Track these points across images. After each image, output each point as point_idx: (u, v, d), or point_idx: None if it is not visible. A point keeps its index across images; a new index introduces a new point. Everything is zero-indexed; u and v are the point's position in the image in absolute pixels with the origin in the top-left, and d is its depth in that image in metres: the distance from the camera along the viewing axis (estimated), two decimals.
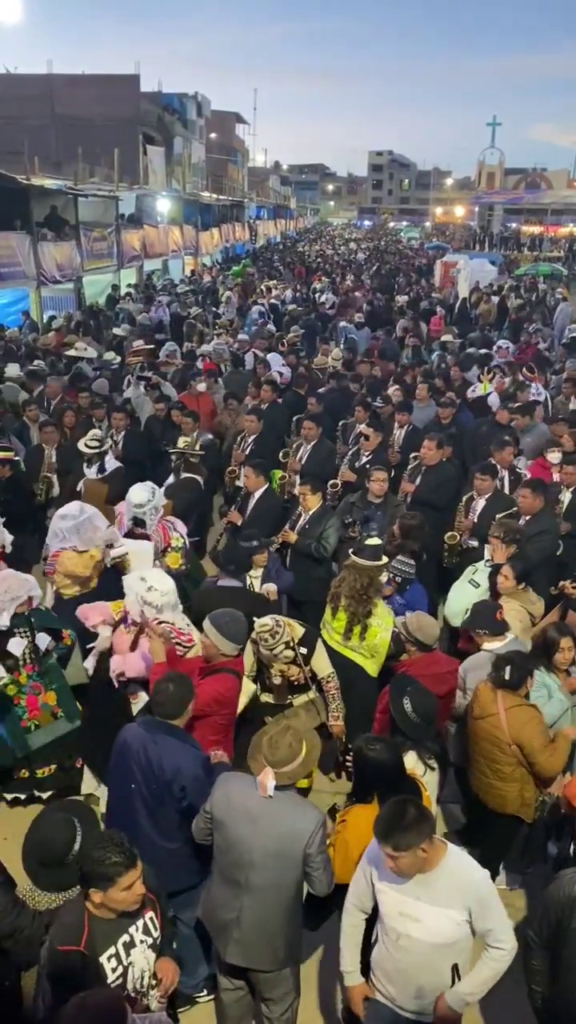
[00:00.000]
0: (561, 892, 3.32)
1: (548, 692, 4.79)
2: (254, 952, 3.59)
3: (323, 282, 26.43)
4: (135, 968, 3.08)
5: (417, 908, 3.20)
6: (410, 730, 4.13)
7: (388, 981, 3.36)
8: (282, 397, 10.63)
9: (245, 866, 3.52)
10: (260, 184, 70.23)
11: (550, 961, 3.38)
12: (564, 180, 59.73)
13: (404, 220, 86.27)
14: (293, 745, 3.53)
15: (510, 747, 4.44)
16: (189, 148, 43.78)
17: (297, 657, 5.00)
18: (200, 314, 18.50)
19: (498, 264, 31.49)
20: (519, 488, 6.91)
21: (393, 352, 14.96)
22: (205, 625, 4.57)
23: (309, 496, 6.74)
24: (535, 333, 16.95)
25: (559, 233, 48.03)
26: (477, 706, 4.61)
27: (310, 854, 3.48)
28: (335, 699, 5.15)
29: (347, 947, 3.54)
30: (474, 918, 3.19)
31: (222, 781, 3.65)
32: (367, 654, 5.49)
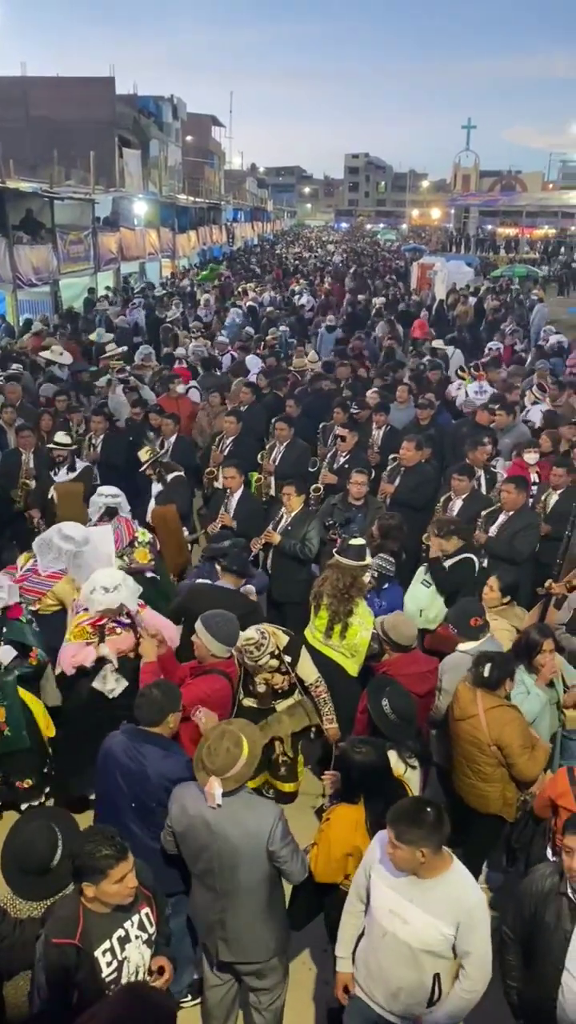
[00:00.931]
0: (535, 886, 3.36)
1: (526, 688, 4.81)
2: (243, 948, 3.62)
3: (301, 284, 26.47)
4: (130, 963, 3.08)
5: (408, 910, 3.21)
6: (389, 730, 4.14)
7: (369, 977, 3.38)
8: (261, 399, 10.64)
9: (215, 872, 3.52)
10: (237, 187, 70.22)
11: (525, 956, 3.41)
12: (539, 182, 60.21)
13: (381, 222, 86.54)
14: (231, 749, 3.47)
15: (491, 748, 4.45)
16: (165, 151, 43.71)
17: (282, 665, 5.00)
18: (177, 318, 18.46)
19: (474, 266, 31.68)
20: (503, 483, 6.95)
21: (374, 354, 15.02)
22: (197, 626, 4.56)
23: (293, 497, 6.74)
24: (512, 334, 17.07)
25: (534, 235, 48.37)
26: (457, 708, 4.62)
27: (273, 851, 3.48)
28: (326, 703, 5.14)
29: (344, 932, 3.56)
30: (459, 936, 3.18)
31: (177, 794, 3.62)
32: (347, 653, 5.50)
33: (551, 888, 3.30)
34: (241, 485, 7.29)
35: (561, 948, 3.22)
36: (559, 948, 3.22)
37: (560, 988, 3.22)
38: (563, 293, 32.55)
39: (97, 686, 4.95)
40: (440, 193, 73.03)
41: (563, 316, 22.05)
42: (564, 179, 68.91)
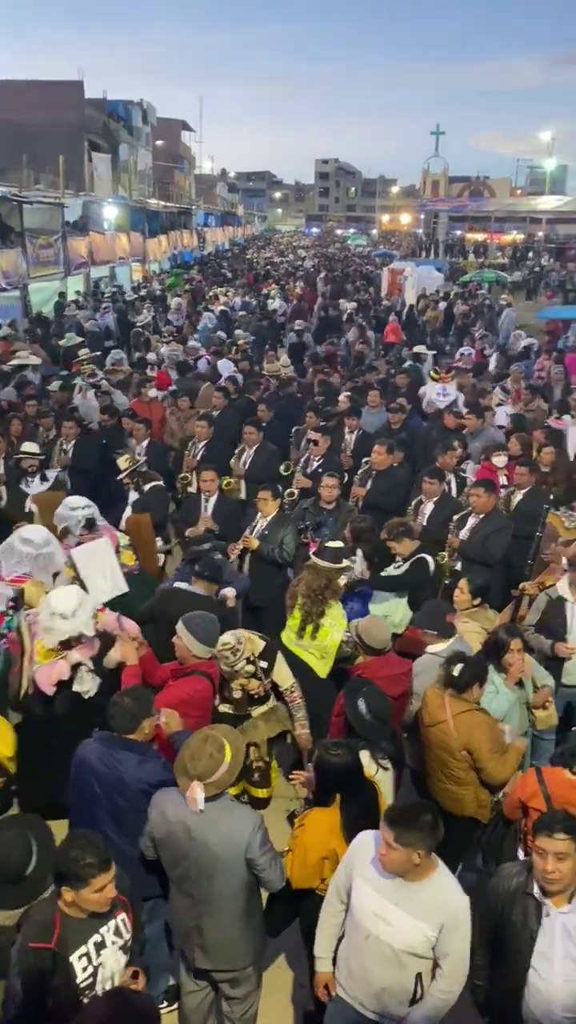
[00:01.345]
0: (501, 886, 3.39)
1: (495, 688, 4.84)
2: (219, 954, 3.62)
3: (273, 289, 26.52)
4: (105, 969, 3.07)
5: (392, 913, 3.23)
6: (365, 731, 4.15)
7: (351, 977, 3.39)
8: (234, 403, 10.65)
9: (192, 879, 3.52)
10: (207, 191, 70.21)
11: (492, 955, 3.44)
12: (507, 188, 60.85)
13: (351, 227, 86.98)
14: (214, 755, 3.47)
15: (461, 753, 4.46)
16: (135, 155, 43.61)
17: (258, 671, 5.00)
18: (148, 322, 18.41)
19: (444, 271, 31.94)
20: (472, 488, 7.01)
21: (346, 359, 15.12)
22: (178, 627, 4.56)
23: (269, 501, 6.75)
24: (482, 339, 17.24)
25: (503, 240, 48.87)
26: (426, 714, 4.63)
27: (252, 858, 3.48)
28: (299, 708, 5.14)
29: (323, 933, 3.56)
30: (440, 937, 3.21)
31: (157, 800, 3.62)
32: (317, 654, 5.52)
33: (517, 887, 3.33)
34: (217, 488, 7.33)
35: (527, 947, 3.25)
36: (525, 947, 3.26)
37: (526, 987, 3.26)
38: (531, 298, 32.91)
39: (76, 688, 4.93)
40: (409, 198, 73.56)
41: (531, 321, 22.26)
42: (532, 185, 69.81)
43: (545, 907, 3.24)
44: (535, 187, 67.36)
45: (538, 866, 3.21)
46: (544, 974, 3.23)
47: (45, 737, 5.00)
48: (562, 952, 3.21)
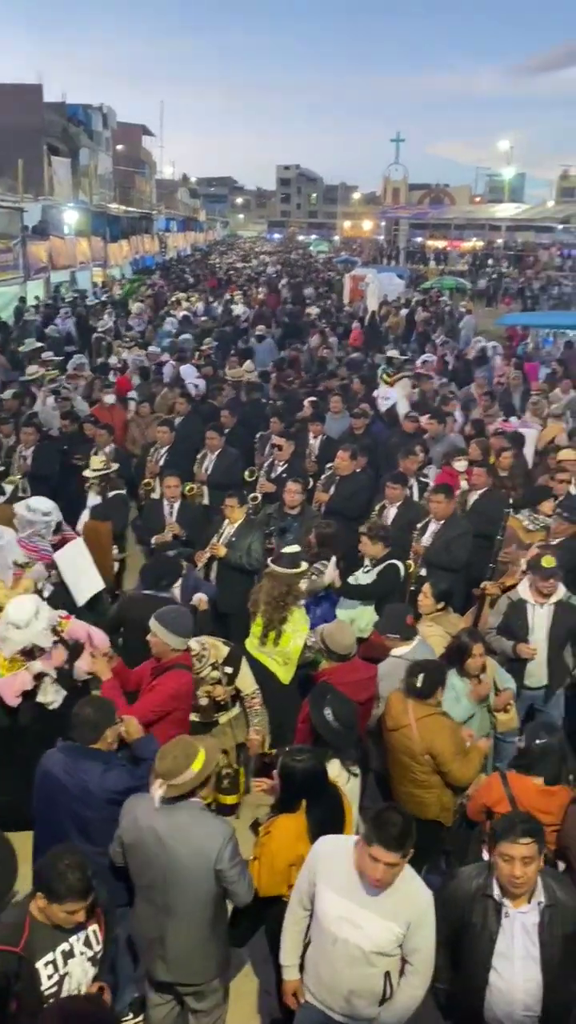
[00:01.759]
0: (461, 888, 3.42)
1: (456, 695, 4.88)
2: (182, 967, 3.58)
3: (236, 295, 26.50)
4: (71, 979, 3.05)
5: (360, 915, 3.23)
6: (332, 738, 4.16)
7: (319, 983, 3.38)
8: (197, 409, 10.62)
9: (159, 887, 3.50)
10: (169, 196, 69.99)
11: (452, 957, 3.46)
12: (467, 196, 61.66)
13: (313, 234, 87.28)
14: (179, 758, 3.48)
15: (424, 757, 4.49)
16: (95, 159, 43.34)
17: (222, 677, 5.00)
18: (109, 327, 18.28)
19: (405, 278, 32.19)
20: (431, 494, 7.07)
21: (309, 364, 15.15)
22: (152, 625, 4.56)
23: (235, 508, 6.74)
24: (443, 345, 17.40)
25: (463, 248, 49.44)
26: (389, 718, 4.65)
27: (221, 870, 3.46)
28: (257, 714, 5.16)
29: (287, 941, 3.54)
30: (408, 934, 3.23)
31: (129, 806, 3.61)
32: (280, 660, 5.54)
33: (477, 889, 3.35)
34: (180, 494, 7.34)
35: (487, 948, 3.28)
36: (486, 948, 3.29)
37: (487, 987, 3.29)
38: (491, 305, 33.31)
39: (40, 699, 4.87)
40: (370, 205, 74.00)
41: (491, 327, 22.55)
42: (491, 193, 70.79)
43: (505, 908, 3.27)
44: (494, 195, 68.32)
45: (504, 872, 3.21)
46: (505, 974, 3.26)
47: (9, 748, 4.94)
48: (522, 952, 3.25)
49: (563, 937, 3.24)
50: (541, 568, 5.56)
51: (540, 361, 16.04)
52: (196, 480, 8.40)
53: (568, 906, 3.28)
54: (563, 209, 49.24)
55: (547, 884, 3.29)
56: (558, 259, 44.60)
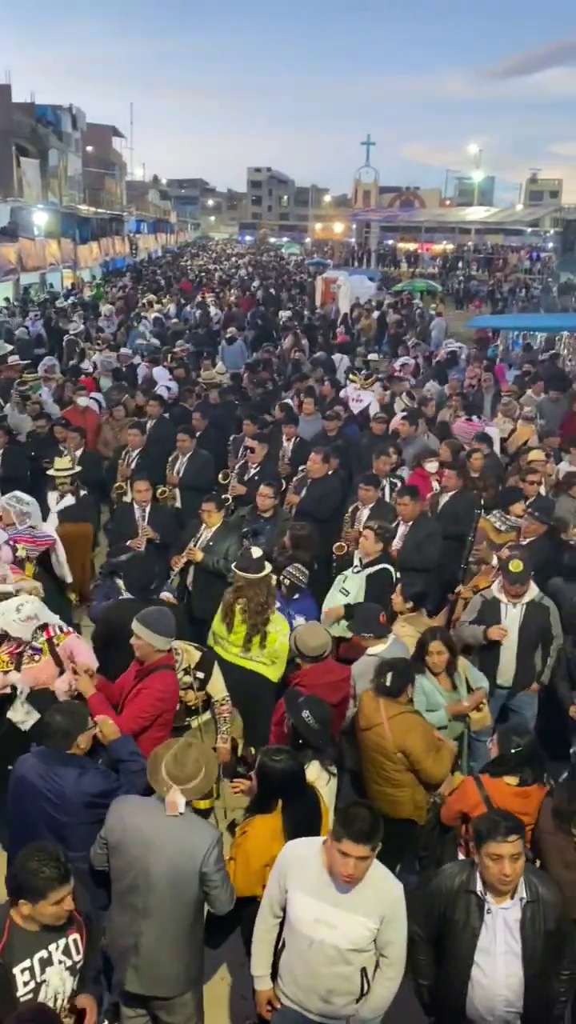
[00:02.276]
0: (444, 885, 3.44)
1: (426, 698, 4.92)
2: (154, 979, 3.54)
3: (208, 297, 26.45)
4: (48, 987, 3.02)
5: (334, 915, 3.24)
6: (314, 737, 4.18)
7: (296, 986, 3.38)
8: (169, 412, 10.58)
9: (142, 889, 3.48)
10: (139, 198, 69.76)
11: (434, 954, 3.49)
12: (437, 199, 62.00)
13: (284, 236, 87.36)
14: (199, 760, 3.55)
15: (396, 755, 4.52)
16: (65, 160, 43.08)
17: (195, 682, 4.99)
18: (81, 330, 18.15)
19: (376, 280, 32.32)
20: (397, 496, 7.11)
21: (282, 366, 15.18)
22: (135, 627, 4.54)
23: (212, 513, 6.72)
24: (415, 347, 17.50)
25: (433, 251, 49.74)
26: (362, 717, 4.68)
27: (206, 873, 3.46)
28: (226, 721, 5.14)
29: (258, 951, 3.54)
30: (382, 928, 3.25)
31: (116, 806, 3.61)
32: (268, 661, 5.52)
33: (460, 886, 3.38)
34: (151, 498, 7.29)
35: (470, 944, 3.31)
36: (468, 944, 3.32)
37: (469, 982, 3.32)
38: (461, 307, 33.53)
39: (10, 716, 4.82)
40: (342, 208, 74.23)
41: (461, 330, 22.72)
42: (461, 196, 71.38)
43: (487, 904, 3.30)
44: (464, 198, 68.89)
45: (493, 871, 3.23)
46: (487, 970, 3.29)
47: None
48: (504, 947, 3.28)
49: (545, 933, 3.29)
50: (509, 572, 5.63)
51: (509, 363, 16.19)
52: (168, 483, 8.37)
53: (549, 902, 3.32)
54: (532, 212, 49.81)
55: (529, 880, 3.33)
56: (527, 262, 45.04)
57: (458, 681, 5.13)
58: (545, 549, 6.57)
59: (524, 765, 4.04)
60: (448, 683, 5.09)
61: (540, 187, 75.27)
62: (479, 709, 5.21)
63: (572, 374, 14.72)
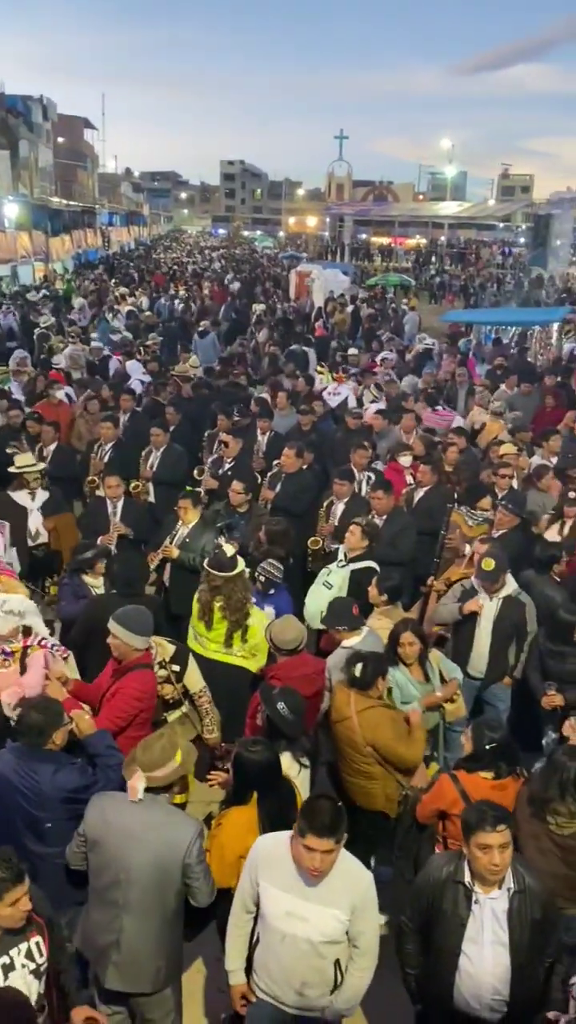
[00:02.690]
0: (432, 876, 3.47)
1: (400, 690, 4.94)
2: (134, 975, 3.54)
3: (180, 290, 26.31)
4: None
5: (306, 908, 3.26)
6: (289, 728, 4.20)
7: (271, 980, 3.40)
8: (142, 405, 10.53)
9: (122, 884, 3.48)
10: (111, 190, 69.26)
11: (422, 944, 3.52)
12: (410, 193, 62.31)
13: (258, 229, 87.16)
14: (167, 749, 3.56)
15: (366, 748, 4.54)
16: (36, 152, 42.62)
17: (170, 675, 4.99)
18: (52, 323, 17.98)
19: (350, 274, 32.35)
20: (371, 491, 7.14)
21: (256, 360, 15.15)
22: (111, 626, 4.52)
23: (189, 510, 6.70)
24: (388, 342, 17.53)
25: (407, 245, 49.89)
26: (334, 710, 4.71)
27: (189, 864, 3.48)
28: (208, 712, 5.16)
29: (232, 946, 3.55)
30: (354, 919, 3.27)
31: (96, 801, 3.61)
32: (249, 654, 5.53)
33: (447, 876, 3.41)
34: (122, 493, 7.25)
35: (458, 934, 3.35)
36: (456, 934, 3.35)
37: (457, 971, 3.36)
38: (434, 301, 33.67)
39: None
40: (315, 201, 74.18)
41: (435, 324, 22.79)
42: (433, 191, 71.67)
43: (475, 894, 3.33)
44: (437, 193, 69.18)
45: (483, 862, 3.25)
46: (474, 959, 3.33)
47: None
48: (491, 937, 3.32)
49: (531, 922, 3.33)
50: (480, 571, 5.69)
51: (481, 358, 16.27)
52: (141, 478, 8.33)
53: (536, 891, 3.36)
54: (504, 207, 50.09)
55: (516, 870, 3.36)
56: (499, 256, 45.31)
57: (431, 672, 5.17)
58: (517, 541, 6.64)
59: (499, 759, 4.07)
60: (421, 674, 5.12)
61: (512, 182, 75.82)
62: (453, 700, 5.26)
63: (542, 368, 14.82)
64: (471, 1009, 3.40)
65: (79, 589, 5.83)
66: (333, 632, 5.27)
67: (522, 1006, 3.38)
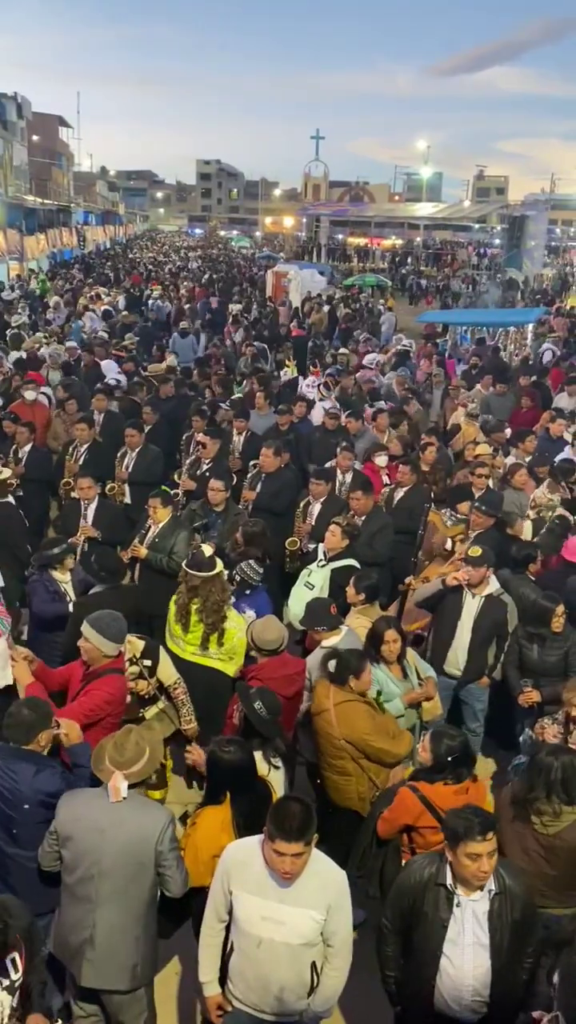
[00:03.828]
0: (412, 878, 3.47)
1: (381, 688, 4.93)
2: (109, 970, 3.54)
3: (156, 290, 26.19)
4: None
5: (280, 911, 3.24)
6: (265, 728, 4.20)
7: (247, 988, 3.36)
8: (118, 405, 10.47)
9: (95, 878, 3.49)
10: (87, 189, 68.90)
11: (402, 946, 3.52)
12: (386, 194, 62.39)
13: (234, 229, 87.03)
14: (140, 744, 3.61)
15: (340, 742, 4.54)
16: (10, 150, 42.30)
17: (143, 671, 4.98)
18: (24, 322, 17.81)
19: (327, 274, 32.39)
20: (350, 491, 7.18)
21: (231, 360, 15.11)
22: (84, 629, 4.50)
23: (159, 509, 6.66)
24: (365, 342, 17.58)
25: (383, 245, 50.00)
26: (314, 703, 4.73)
27: (161, 851, 3.51)
28: (184, 703, 5.17)
29: (205, 957, 3.51)
30: (328, 919, 3.26)
31: (66, 798, 3.62)
32: (226, 657, 5.50)
33: (429, 878, 3.41)
34: (96, 495, 7.18)
35: (439, 936, 3.35)
36: (436, 936, 3.35)
37: (438, 973, 3.36)
38: (414, 303, 33.72)
39: None
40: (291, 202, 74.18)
41: (411, 324, 22.89)
42: (409, 192, 71.92)
43: (456, 897, 3.34)
44: (412, 194, 69.44)
45: (471, 869, 3.25)
46: (455, 961, 3.33)
47: None
48: (472, 939, 3.33)
49: (512, 924, 3.34)
50: (468, 557, 5.73)
51: (458, 359, 16.37)
52: (117, 478, 8.27)
53: (516, 893, 3.37)
54: (479, 209, 50.34)
55: (497, 872, 3.37)
56: (475, 257, 45.55)
57: (408, 670, 5.18)
58: (494, 541, 6.67)
59: (459, 766, 4.02)
60: (399, 672, 5.13)
61: (487, 184, 76.28)
62: (429, 699, 5.28)
63: (516, 368, 14.97)
64: (451, 1011, 3.41)
65: (49, 584, 5.80)
66: (312, 633, 5.28)
67: (502, 1007, 3.39)
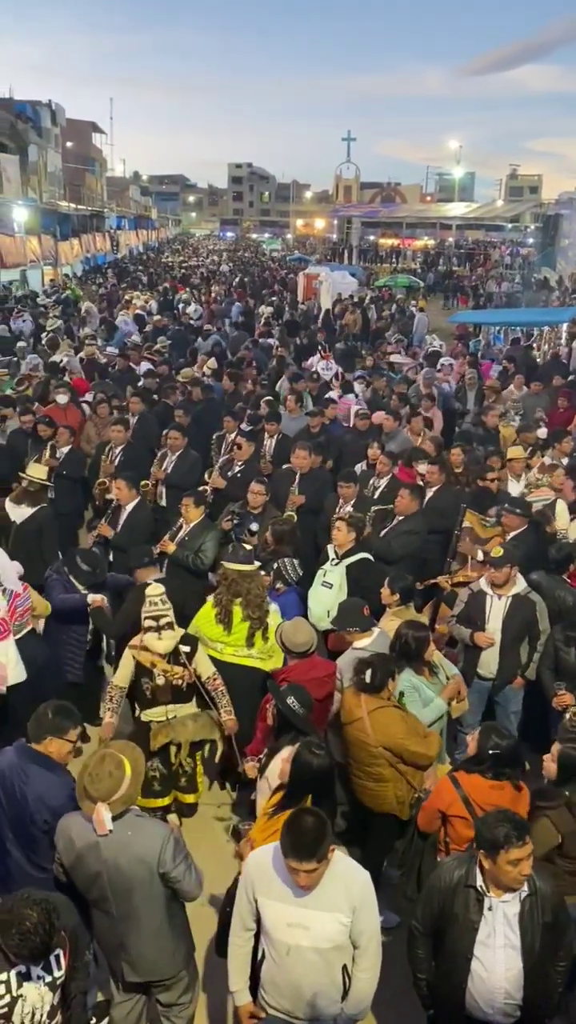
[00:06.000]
0: (443, 880, 3.44)
1: (417, 693, 4.90)
2: (149, 967, 3.59)
3: (184, 293, 26.31)
4: (25, 1002, 2.95)
5: (306, 916, 3.21)
6: (299, 722, 4.21)
7: (280, 995, 3.33)
8: (152, 408, 10.55)
9: (110, 899, 3.47)
10: (120, 194, 69.41)
11: (433, 948, 3.50)
12: (417, 194, 62.22)
13: (266, 232, 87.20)
14: (113, 772, 3.40)
15: (377, 750, 4.51)
16: (45, 156, 42.80)
17: (181, 655, 4.97)
18: (60, 326, 18.02)
19: (359, 276, 32.34)
20: (400, 488, 7.14)
21: (263, 363, 15.15)
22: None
23: (191, 508, 6.71)
24: (397, 343, 17.52)
25: (415, 246, 49.82)
26: (344, 712, 4.69)
27: (165, 873, 3.44)
28: (223, 695, 5.13)
29: (235, 966, 3.49)
30: (355, 920, 3.23)
31: (62, 826, 3.53)
32: (266, 656, 5.48)
33: (459, 880, 3.39)
34: (132, 498, 7.21)
35: (469, 938, 3.33)
36: (467, 938, 3.33)
37: (469, 976, 3.34)
38: (449, 303, 33.43)
39: None
40: (323, 204, 74.19)
41: (443, 325, 22.77)
42: (441, 192, 71.53)
43: (487, 898, 3.32)
44: (444, 194, 69.06)
45: (512, 875, 3.23)
46: (486, 963, 3.31)
47: None
48: (503, 941, 3.30)
49: (543, 926, 3.31)
50: (491, 558, 5.71)
51: (492, 359, 16.25)
52: (153, 477, 8.32)
53: (547, 895, 3.34)
54: (512, 208, 49.95)
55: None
56: (507, 257, 45.19)
57: (436, 670, 5.15)
58: (530, 543, 6.61)
59: (501, 765, 3.99)
60: (428, 673, 5.10)
61: (520, 183, 75.53)
62: (457, 699, 5.25)
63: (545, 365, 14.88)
64: (483, 1014, 3.38)
65: (68, 585, 5.90)
66: (344, 634, 5.26)
67: (534, 1009, 3.36)
